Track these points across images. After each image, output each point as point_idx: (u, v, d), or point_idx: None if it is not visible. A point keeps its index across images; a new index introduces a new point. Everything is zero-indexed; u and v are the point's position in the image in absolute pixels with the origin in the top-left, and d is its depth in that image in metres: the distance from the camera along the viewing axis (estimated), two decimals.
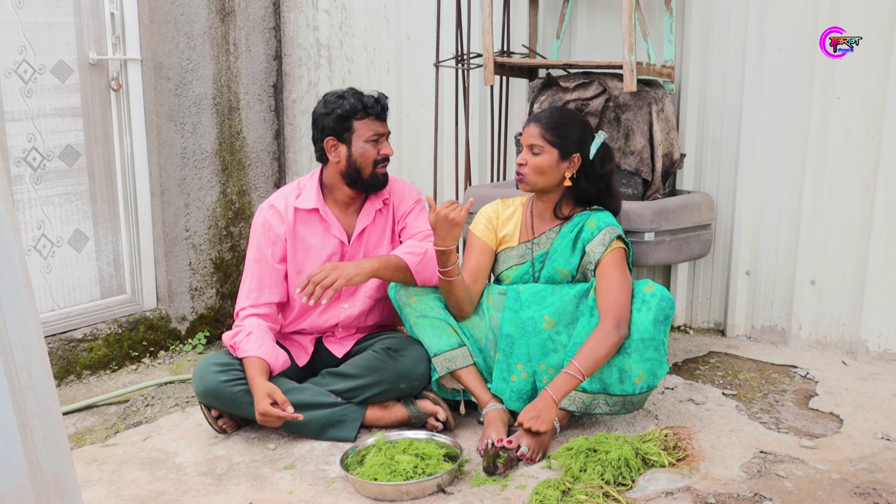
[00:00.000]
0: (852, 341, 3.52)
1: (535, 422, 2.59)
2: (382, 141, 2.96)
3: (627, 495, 2.37)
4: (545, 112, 2.92)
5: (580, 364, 2.65)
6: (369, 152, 2.93)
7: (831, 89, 3.41)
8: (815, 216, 3.52)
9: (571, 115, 2.95)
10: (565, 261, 2.88)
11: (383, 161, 2.96)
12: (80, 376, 3.60)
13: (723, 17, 3.61)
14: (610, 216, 2.91)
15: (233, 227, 4.28)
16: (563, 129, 2.84)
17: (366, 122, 2.92)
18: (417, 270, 2.88)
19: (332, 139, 2.94)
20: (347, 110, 2.90)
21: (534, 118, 2.89)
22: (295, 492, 2.50)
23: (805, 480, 2.48)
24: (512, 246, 2.97)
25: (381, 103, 2.95)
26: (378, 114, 2.94)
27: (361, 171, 2.94)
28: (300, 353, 3.03)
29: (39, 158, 3.52)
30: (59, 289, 3.65)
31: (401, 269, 2.87)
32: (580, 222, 2.89)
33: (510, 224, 2.99)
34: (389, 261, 2.86)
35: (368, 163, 2.93)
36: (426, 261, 2.89)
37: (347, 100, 2.92)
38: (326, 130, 2.94)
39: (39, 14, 3.46)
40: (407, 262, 2.87)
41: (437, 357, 2.88)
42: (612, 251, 2.80)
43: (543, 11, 3.88)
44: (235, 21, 4.17)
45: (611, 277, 2.76)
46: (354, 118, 2.91)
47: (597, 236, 2.83)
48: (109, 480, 2.60)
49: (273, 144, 4.49)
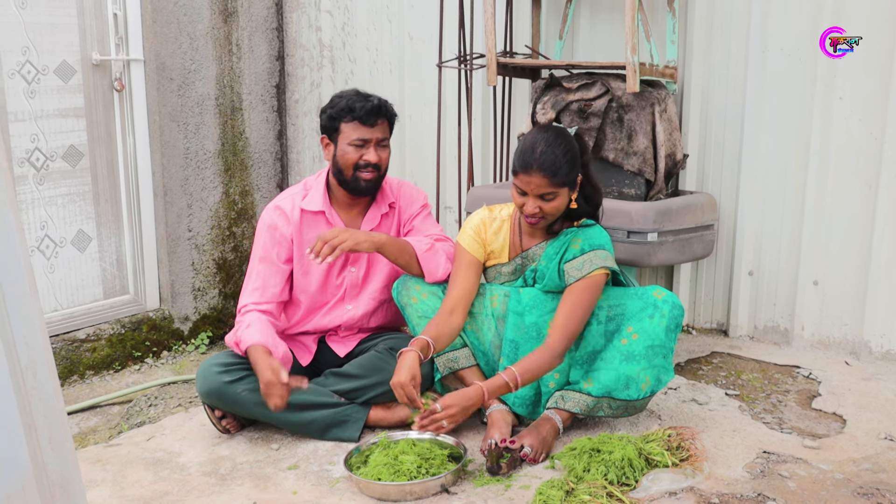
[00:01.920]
0: (855, 341, 3.51)
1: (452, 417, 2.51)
2: (368, 146, 2.90)
3: (631, 495, 2.37)
4: (538, 156, 2.63)
5: (520, 375, 2.58)
6: (350, 155, 2.91)
7: (834, 90, 3.41)
8: (817, 216, 3.52)
9: (558, 141, 2.67)
10: (556, 284, 2.80)
11: (366, 167, 2.91)
12: (83, 376, 3.60)
13: (725, 18, 3.61)
14: (598, 234, 2.77)
15: (235, 227, 4.28)
16: (568, 165, 2.65)
17: (351, 125, 2.90)
18: (424, 258, 2.89)
19: (325, 137, 2.98)
20: (337, 111, 2.92)
21: (533, 167, 2.62)
22: (299, 492, 2.50)
23: (808, 481, 2.48)
24: (502, 262, 2.91)
25: (368, 108, 2.88)
26: (362, 118, 2.88)
27: (343, 172, 2.94)
28: (303, 353, 3.03)
29: (43, 159, 3.52)
30: (63, 289, 3.66)
31: (406, 252, 2.89)
32: (566, 243, 2.77)
33: (498, 239, 2.90)
34: (398, 241, 2.89)
35: (348, 165, 2.91)
36: (434, 251, 2.92)
37: (342, 101, 2.93)
38: (322, 128, 2.99)
39: (43, 15, 3.46)
40: (414, 246, 2.89)
41: (440, 357, 2.88)
42: (588, 276, 2.69)
43: (546, 12, 3.88)
44: (238, 22, 4.18)
45: (576, 303, 2.67)
46: (342, 120, 2.91)
47: (577, 259, 2.72)
48: (113, 480, 2.61)
49: (276, 145, 4.49)
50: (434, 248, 2.94)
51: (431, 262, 2.91)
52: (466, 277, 2.87)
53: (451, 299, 2.83)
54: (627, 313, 2.73)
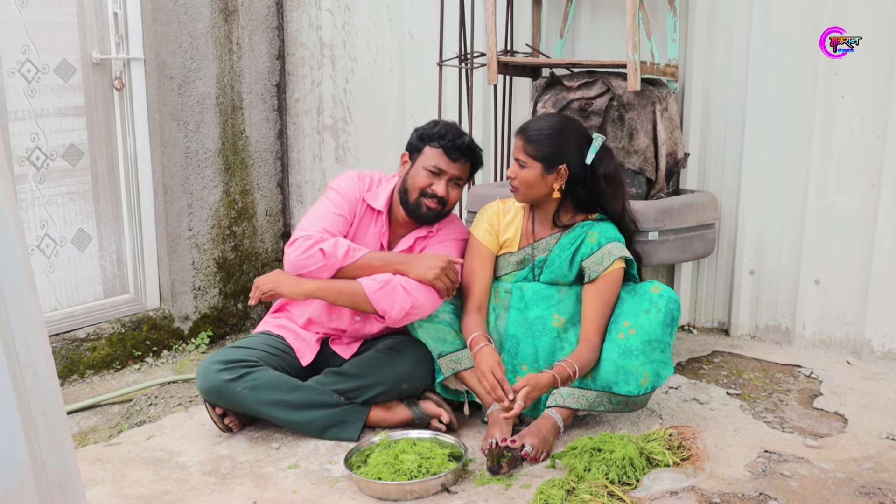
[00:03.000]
0: (857, 341, 3.51)
1: (529, 394, 2.55)
2: (441, 178, 2.88)
3: (632, 495, 2.36)
4: (532, 123, 2.83)
5: (577, 363, 2.67)
6: (420, 179, 2.89)
7: (835, 88, 3.41)
8: (819, 215, 3.51)
9: (558, 125, 2.82)
10: (563, 274, 2.86)
11: (433, 197, 2.89)
12: (83, 375, 3.60)
13: (726, 16, 3.61)
14: (613, 228, 2.85)
15: (236, 226, 4.28)
16: (544, 143, 2.75)
17: (435, 151, 2.89)
18: (375, 298, 2.77)
19: (406, 154, 3.00)
20: (428, 133, 2.93)
21: (519, 130, 2.82)
22: (299, 491, 2.50)
23: (810, 480, 2.47)
24: (511, 251, 2.94)
25: (458, 143, 2.87)
26: (448, 149, 2.87)
27: (408, 193, 2.92)
28: (305, 352, 3.02)
29: (43, 158, 3.52)
30: (63, 288, 3.65)
31: (349, 294, 2.79)
32: (581, 235, 2.84)
33: (511, 229, 2.95)
34: (336, 285, 2.79)
35: (415, 188, 2.90)
36: (388, 289, 2.78)
37: (435, 127, 2.93)
38: (408, 145, 3.00)
39: (43, 13, 3.46)
40: (365, 287, 2.78)
41: (443, 358, 2.88)
42: (610, 272, 2.78)
43: (547, 10, 3.87)
44: (238, 20, 4.17)
45: (602, 300, 2.77)
46: (428, 143, 2.91)
47: (595, 253, 2.79)
48: (113, 480, 2.60)
49: (276, 144, 4.49)
50: (388, 285, 2.78)
51: (385, 302, 2.78)
52: (484, 271, 2.93)
53: (475, 297, 2.90)
54: (624, 308, 2.77)
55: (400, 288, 2.79)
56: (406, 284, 2.79)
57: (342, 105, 4.47)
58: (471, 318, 2.87)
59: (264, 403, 2.76)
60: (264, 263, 4.46)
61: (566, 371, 2.64)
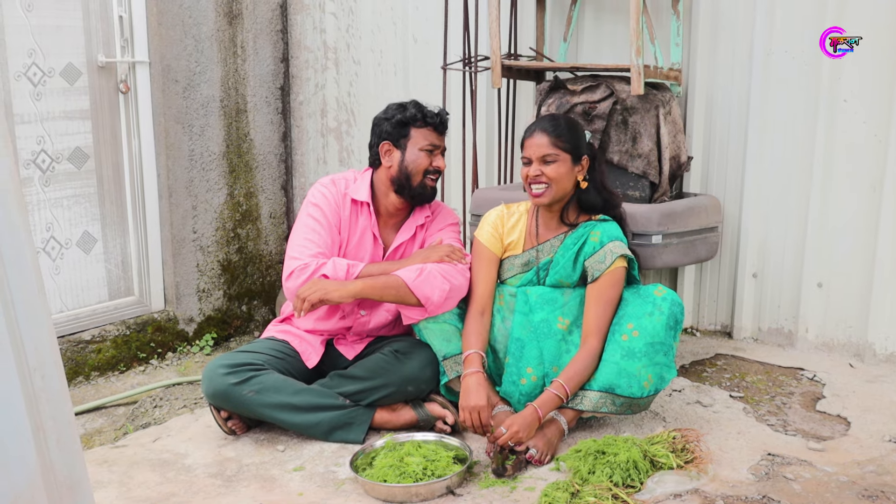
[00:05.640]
0: (859, 344, 3.51)
1: (517, 436, 2.56)
2: (436, 153, 3.01)
3: (636, 497, 2.37)
4: (546, 121, 2.85)
5: (567, 384, 2.67)
6: (422, 160, 2.98)
7: (838, 92, 3.41)
8: (821, 218, 3.52)
9: (568, 119, 2.91)
10: (567, 274, 2.87)
11: (434, 172, 3.00)
12: (88, 377, 3.61)
13: (730, 20, 3.62)
14: (615, 228, 2.87)
15: (240, 228, 4.29)
16: (570, 133, 2.81)
17: (423, 131, 2.98)
18: (416, 286, 2.82)
19: (387, 143, 3.01)
20: (407, 117, 2.98)
21: (538, 128, 2.82)
22: (304, 493, 2.50)
23: (813, 483, 2.48)
24: (516, 254, 2.95)
25: (441, 117, 3.02)
26: (436, 126, 3.00)
27: (411, 178, 2.98)
28: (310, 354, 3.03)
29: (48, 161, 3.53)
30: (68, 290, 3.66)
31: (392, 287, 2.82)
32: (584, 234, 2.85)
33: (515, 232, 2.96)
34: (379, 281, 2.83)
35: (419, 171, 2.98)
36: (425, 276, 2.84)
37: (409, 109, 3.00)
38: (383, 135, 3.01)
39: (48, 17, 3.47)
40: (403, 277, 2.83)
41: (447, 360, 2.89)
42: (611, 271, 2.79)
43: (551, 14, 3.88)
44: (243, 24, 4.19)
45: (604, 301, 2.78)
46: (413, 125, 2.98)
47: (598, 252, 2.81)
48: (120, 482, 2.61)
49: (280, 146, 4.50)
50: (424, 271, 2.83)
51: (426, 287, 2.82)
52: (488, 275, 2.93)
53: (479, 300, 2.90)
54: (628, 310, 2.77)
55: (435, 272, 2.85)
56: (438, 269, 2.86)
57: (346, 108, 4.48)
58: (472, 324, 2.87)
59: (270, 406, 2.78)
60: (268, 266, 4.47)
61: (555, 399, 2.66)
